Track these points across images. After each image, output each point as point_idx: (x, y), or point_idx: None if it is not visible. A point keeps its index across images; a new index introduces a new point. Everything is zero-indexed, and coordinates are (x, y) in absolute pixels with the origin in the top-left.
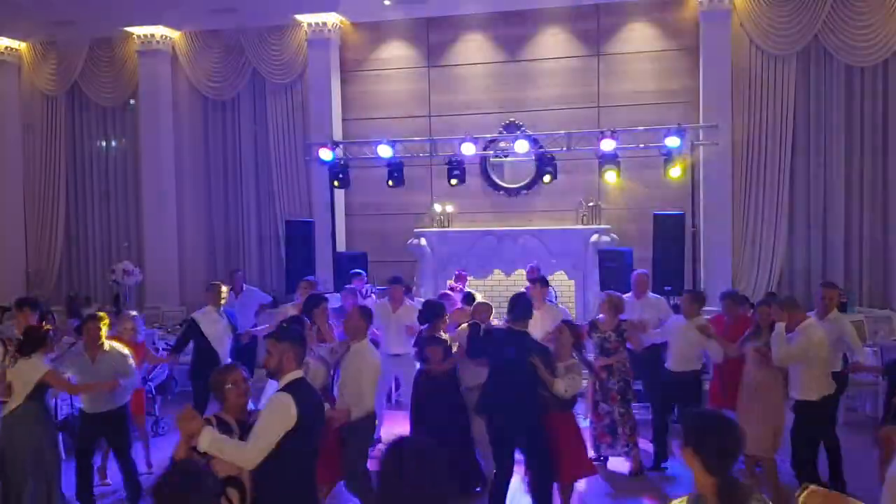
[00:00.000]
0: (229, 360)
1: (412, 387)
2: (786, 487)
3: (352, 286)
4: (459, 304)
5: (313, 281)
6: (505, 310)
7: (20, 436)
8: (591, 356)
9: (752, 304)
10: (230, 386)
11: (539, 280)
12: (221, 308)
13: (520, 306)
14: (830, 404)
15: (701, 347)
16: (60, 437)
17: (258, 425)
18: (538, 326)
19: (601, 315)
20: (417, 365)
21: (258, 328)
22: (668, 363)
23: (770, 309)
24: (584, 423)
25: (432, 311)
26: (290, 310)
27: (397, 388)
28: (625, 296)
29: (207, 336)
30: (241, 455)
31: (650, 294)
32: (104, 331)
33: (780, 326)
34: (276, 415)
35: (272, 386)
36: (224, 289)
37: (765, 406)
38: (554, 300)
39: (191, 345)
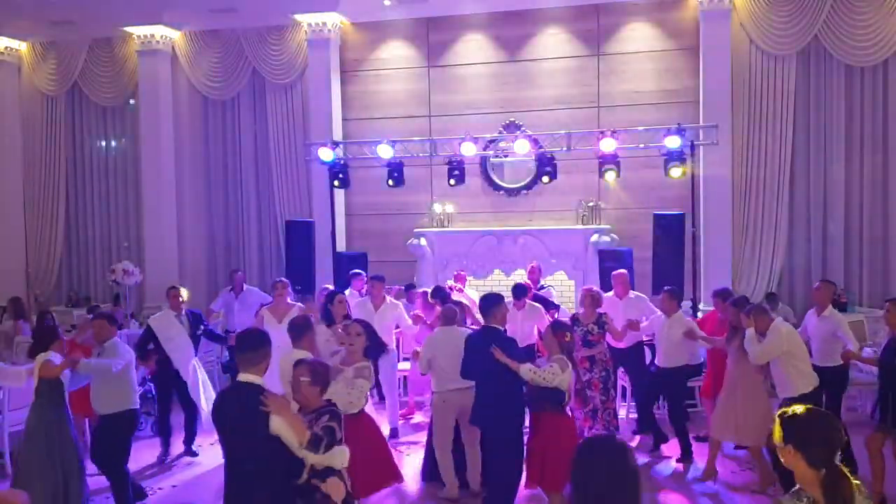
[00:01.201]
0: (191, 364)
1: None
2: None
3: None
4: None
5: (286, 282)
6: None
7: (25, 431)
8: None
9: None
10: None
11: (515, 290)
12: (181, 313)
13: (483, 302)
14: (813, 399)
15: (687, 343)
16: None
17: None
18: (518, 326)
19: (581, 309)
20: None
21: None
22: (657, 359)
23: (739, 314)
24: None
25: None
26: (265, 313)
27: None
28: (608, 294)
29: (160, 340)
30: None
31: (631, 293)
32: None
33: (750, 331)
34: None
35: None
36: (184, 293)
37: (745, 399)
38: (551, 298)
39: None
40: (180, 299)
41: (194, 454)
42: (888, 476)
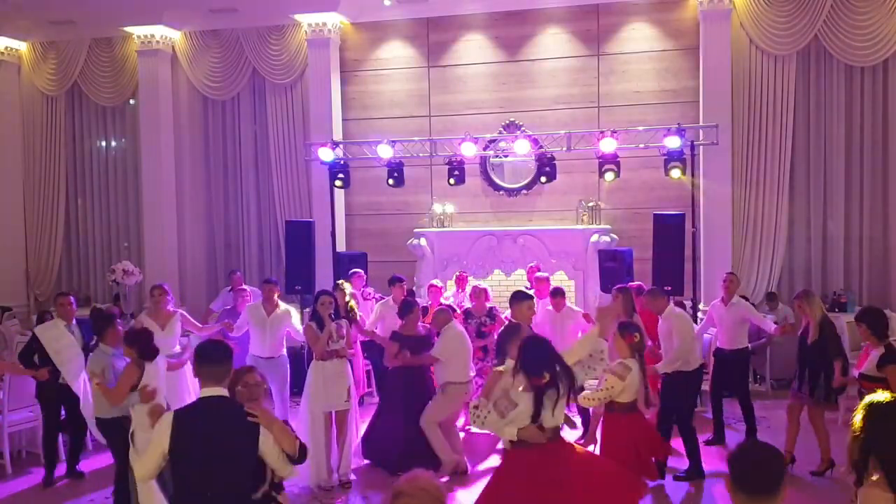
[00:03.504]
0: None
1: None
2: None
3: (242, 288)
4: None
5: (166, 288)
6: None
7: None
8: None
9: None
10: (241, 388)
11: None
12: (72, 323)
13: (510, 298)
14: (700, 375)
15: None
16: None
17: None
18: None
19: (472, 303)
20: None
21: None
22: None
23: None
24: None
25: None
26: (144, 318)
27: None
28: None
29: (49, 352)
30: (136, 465)
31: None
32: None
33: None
34: (156, 432)
35: None
36: (72, 301)
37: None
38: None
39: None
40: (70, 308)
41: (80, 475)
42: (812, 440)
